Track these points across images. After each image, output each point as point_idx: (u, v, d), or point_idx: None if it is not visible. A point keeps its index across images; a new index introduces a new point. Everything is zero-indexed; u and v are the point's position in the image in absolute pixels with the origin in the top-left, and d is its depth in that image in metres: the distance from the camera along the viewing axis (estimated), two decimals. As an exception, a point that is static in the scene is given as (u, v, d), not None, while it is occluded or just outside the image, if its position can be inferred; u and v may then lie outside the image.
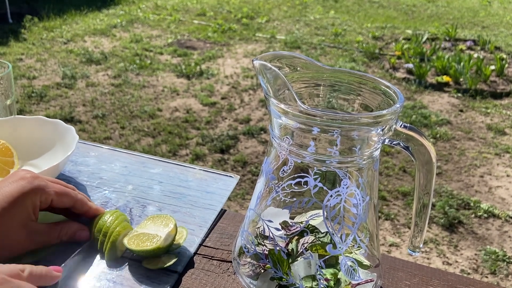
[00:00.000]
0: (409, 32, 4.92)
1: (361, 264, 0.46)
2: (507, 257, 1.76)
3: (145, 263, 0.51)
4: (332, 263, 0.45)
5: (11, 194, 0.48)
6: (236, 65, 3.79)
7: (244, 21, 5.18)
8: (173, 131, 2.65)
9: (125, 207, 0.62)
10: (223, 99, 3.12)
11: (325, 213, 0.43)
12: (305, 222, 0.47)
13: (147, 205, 0.62)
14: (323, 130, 0.40)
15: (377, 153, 0.44)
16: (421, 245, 0.49)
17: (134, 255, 0.53)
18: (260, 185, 0.48)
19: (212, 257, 0.54)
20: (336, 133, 0.40)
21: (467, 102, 3.23)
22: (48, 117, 2.78)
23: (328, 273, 0.44)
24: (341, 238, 0.44)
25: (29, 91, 3.09)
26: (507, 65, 3.80)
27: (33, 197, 0.49)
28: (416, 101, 3.19)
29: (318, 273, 0.44)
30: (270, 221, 0.46)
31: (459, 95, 3.33)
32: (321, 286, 0.44)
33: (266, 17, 5.39)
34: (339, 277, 0.44)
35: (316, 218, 0.46)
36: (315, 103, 0.49)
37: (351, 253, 0.46)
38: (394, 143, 0.44)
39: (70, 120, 2.75)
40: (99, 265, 0.52)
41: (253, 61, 0.42)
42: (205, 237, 0.57)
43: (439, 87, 3.44)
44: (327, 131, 0.40)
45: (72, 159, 0.71)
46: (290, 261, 0.45)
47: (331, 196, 0.43)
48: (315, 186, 0.43)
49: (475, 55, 4.02)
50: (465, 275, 1.06)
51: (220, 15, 5.49)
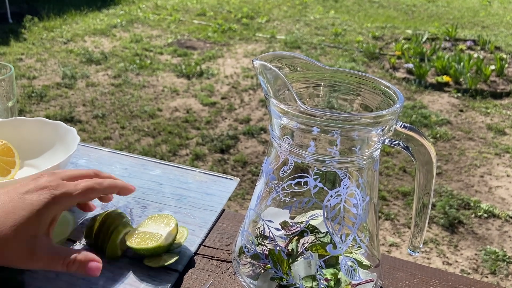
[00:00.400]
0: (409, 32, 4.92)
1: (361, 264, 0.46)
2: (507, 257, 1.76)
3: (147, 261, 0.51)
4: (332, 263, 0.45)
5: (31, 203, 0.45)
6: (236, 65, 3.79)
7: (244, 21, 5.18)
8: (173, 131, 2.65)
9: (125, 207, 0.62)
10: (223, 99, 3.13)
11: (325, 213, 0.43)
12: (305, 222, 0.47)
13: (147, 206, 0.62)
14: (323, 130, 0.40)
15: (377, 153, 0.44)
16: (421, 245, 0.49)
17: (135, 253, 0.53)
18: (260, 185, 0.48)
19: (212, 257, 0.54)
20: (336, 133, 0.40)
21: (467, 102, 3.23)
22: (48, 117, 2.76)
23: (328, 273, 0.44)
24: (341, 238, 0.44)
25: (29, 91, 3.09)
26: (507, 65, 3.80)
27: (53, 208, 0.46)
28: (416, 101, 3.19)
29: (318, 273, 0.44)
30: (270, 221, 0.46)
31: (459, 95, 3.33)
32: (321, 286, 0.44)
33: (266, 17, 5.39)
34: (339, 277, 0.44)
35: (316, 218, 0.47)
36: (315, 103, 0.49)
37: (351, 253, 0.46)
38: (394, 143, 0.44)
39: (70, 120, 2.75)
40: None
41: (253, 61, 0.42)
42: (205, 237, 0.58)
43: (439, 87, 3.44)
44: (327, 131, 0.40)
45: (72, 160, 0.72)
46: (290, 261, 0.45)
47: (331, 196, 0.43)
48: (315, 186, 0.43)
49: (475, 55, 4.02)
50: (465, 275, 1.06)
51: (220, 15, 5.49)
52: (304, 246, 0.45)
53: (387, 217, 1.97)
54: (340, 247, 0.44)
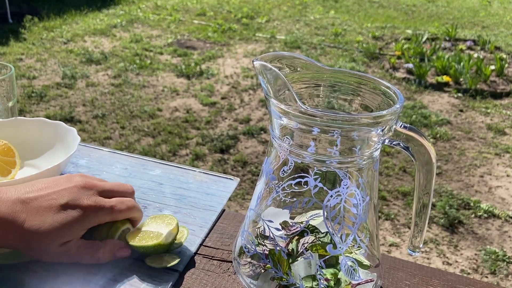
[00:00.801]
0: (409, 32, 4.92)
1: (361, 264, 0.46)
2: (507, 257, 1.76)
3: (149, 261, 0.51)
4: (332, 263, 0.45)
5: (66, 217, 0.48)
6: (236, 65, 3.79)
7: (244, 21, 5.18)
8: (173, 131, 2.65)
9: (125, 207, 0.62)
10: (223, 99, 3.13)
11: (325, 213, 0.43)
12: (305, 222, 0.47)
13: (147, 206, 0.62)
14: (323, 130, 0.40)
15: (377, 153, 0.44)
16: (421, 245, 0.49)
17: (135, 253, 0.53)
18: (260, 185, 0.48)
19: (212, 257, 0.54)
20: (336, 133, 0.40)
21: (467, 102, 3.23)
22: (48, 117, 2.76)
23: (328, 273, 0.44)
24: (341, 238, 0.44)
25: (29, 91, 3.09)
26: (507, 65, 3.81)
27: (86, 222, 0.49)
28: (416, 101, 3.19)
29: (318, 273, 0.44)
30: (270, 221, 0.46)
31: (459, 95, 3.33)
32: (321, 286, 0.44)
33: (266, 17, 5.39)
34: (339, 277, 0.45)
35: (316, 218, 0.47)
36: (315, 104, 0.49)
37: (351, 253, 0.46)
38: (394, 143, 0.44)
39: (70, 120, 2.75)
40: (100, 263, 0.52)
41: (253, 62, 0.43)
42: (206, 237, 0.58)
43: (439, 87, 3.44)
44: (327, 131, 0.40)
45: (72, 160, 0.72)
46: (290, 261, 0.45)
47: (331, 196, 0.43)
48: (315, 186, 0.43)
49: (475, 55, 4.02)
50: (465, 275, 1.06)
51: (220, 15, 5.49)
52: (304, 246, 0.45)
53: (387, 217, 1.97)
54: (340, 247, 0.44)
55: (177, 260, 0.51)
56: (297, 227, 0.46)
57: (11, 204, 0.46)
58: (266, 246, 0.46)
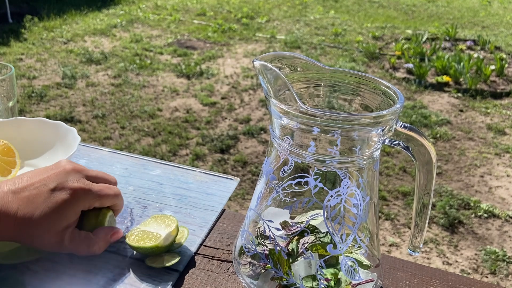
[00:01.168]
0: (409, 32, 4.92)
1: (361, 264, 0.46)
2: (507, 257, 1.76)
3: (149, 262, 0.51)
4: (332, 263, 0.45)
5: (56, 201, 0.48)
6: (236, 65, 3.79)
7: (244, 21, 5.18)
8: (173, 131, 2.65)
9: (125, 207, 0.62)
10: (223, 99, 3.13)
11: (326, 213, 0.43)
12: (305, 222, 0.47)
13: (147, 206, 0.62)
14: (324, 130, 0.40)
15: (377, 153, 0.44)
16: (421, 245, 0.49)
17: (135, 253, 0.53)
18: (260, 185, 0.48)
19: (212, 257, 0.54)
20: (336, 133, 0.40)
21: (467, 102, 3.23)
22: (48, 117, 2.76)
23: (328, 273, 0.44)
24: (341, 238, 0.44)
25: (29, 91, 3.09)
26: (507, 65, 3.81)
27: (77, 206, 0.50)
28: (416, 101, 3.19)
29: (318, 273, 0.44)
30: (270, 221, 0.46)
31: (459, 95, 3.33)
32: (322, 286, 0.44)
33: (266, 17, 5.39)
34: (339, 277, 0.45)
35: (316, 218, 0.47)
36: (315, 104, 0.49)
37: (352, 253, 0.46)
38: (394, 143, 0.44)
39: (70, 120, 2.75)
40: (100, 262, 0.52)
41: (253, 62, 0.42)
42: (206, 237, 0.58)
43: (439, 87, 3.44)
44: (328, 131, 0.40)
45: (72, 160, 0.72)
46: (290, 261, 0.45)
47: (332, 196, 0.43)
48: (316, 186, 0.43)
49: (475, 55, 4.02)
50: (465, 275, 1.06)
51: (220, 15, 5.49)
52: (304, 246, 0.45)
53: (387, 217, 1.97)
54: (340, 247, 0.44)
55: (177, 259, 0.51)
56: (297, 227, 0.46)
57: (2, 195, 0.47)
58: (266, 246, 0.46)
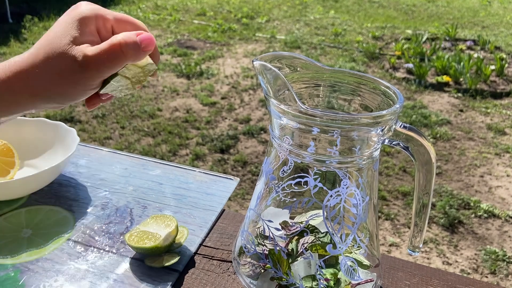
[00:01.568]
0: (409, 32, 4.92)
1: (361, 264, 0.46)
2: (507, 257, 1.76)
3: (148, 262, 0.51)
4: (332, 263, 0.45)
5: (63, 19, 0.42)
6: (236, 65, 3.79)
7: (244, 21, 5.18)
8: (173, 131, 2.65)
9: (125, 207, 0.62)
10: (223, 99, 3.13)
11: (325, 213, 0.43)
12: (305, 222, 0.47)
13: (147, 205, 0.62)
14: (323, 130, 0.40)
15: (377, 153, 0.44)
16: (421, 245, 0.49)
17: (135, 253, 0.53)
18: (260, 185, 0.48)
19: (212, 257, 0.54)
20: (336, 133, 0.40)
21: (467, 102, 3.23)
22: (48, 117, 2.75)
23: (328, 273, 0.44)
24: (341, 238, 0.44)
25: (29, 91, 3.09)
26: (507, 65, 3.80)
27: (88, 21, 0.41)
28: (416, 101, 3.19)
29: (318, 273, 0.44)
30: (270, 221, 0.46)
31: (459, 95, 3.33)
32: (321, 286, 0.44)
33: (266, 17, 5.39)
34: (339, 277, 0.45)
35: (316, 218, 0.47)
36: (315, 104, 0.49)
37: (351, 253, 0.46)
38: (393, 143, 0.44)
39: (70, 120, 2.75)
40: (100, 262, 0.52)
41: (253, 62, 0.42)
42: (205, 237, 0.58)
43: (439, 87, 3.44)
44: (327, 131, 0.40)
45: (73, 160, 0.72)
46: (290, 261, 0.45)
47: (331, 196, 0.43)
48: (315, 186, 0.43)
49: (475, 55, 4.02)
50: (465, 275, 1.06)
51: (220, 15, 5.49)
52: (304, 246, 0.45)
53: (387, 217, 1.97)
54: (340, 247, 0.44)
55: (176, 258, 0.51)
56: (297, 227, 0.46)
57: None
58: (266, 246, 0.46)
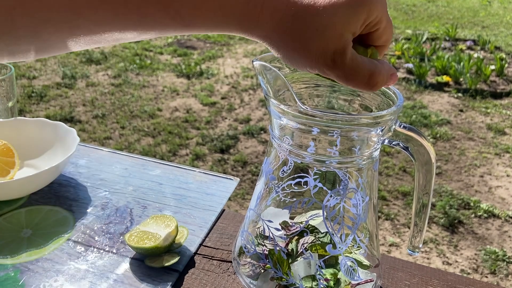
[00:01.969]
0: (409, 32, 4.92)
1: (361, 264, 0.46)
2: (507, 257, 1.76)
3: (148, 262, 0.51)
4: (332, 263, 0.45)
5: None
6: (236, 65, 3.79)
7: (244, 21, 5.18)
8: (173, 131, 2.65)
9: (125, 207, 0.62)
10: (223, 99, 3.13)
11: (325, 213, 0.43)
12: (305, 222, 0.47)
13: (147, 206, 0.62)
14: (323, 130, 0.40)
15: (377, 153, 0.44)
16: (421, 245, 0.49)
17: (135, 253, 0.53)
18: (260, 185, 0.48)
19: (212, 257, 0.54)
20: (336, 133, 0.40)
21: (467, 102, 3.23)
22: (48, 117, 2.75)
23: (328, 273, 0.44)
24: (341, 238, 0.44)
25: (29, 91, 3.09)
26: (507, 65, 3.80)
27: (367, 11, 0.35)
28: (416, 101, 3.19)
29: (318, 273, 0.44)
30: (270, 221, 0.46)
31: (459, 95, 3.33)
32: (321, 286, 0.44)
33: (266, 17, 5.39)
34: (339, 277, 0.45)
35: (316, 218, 0.47)
36: (315, 104, 0.49)
37: (351, 253, 0.46)
38: (393, 143, 0.44)
39: (70, 120, 2.75)
40: (100, 263, 0.52)
41: (253, 62, 0.42)
42: (205, 237, 0.58)
43: (439, 87, 3.44)
44: (327, 131, 0.40)
45: (72, 160, 0.72)
46: (290, 261, 0.45)
47: (331, 196, 0.43)
48: (315, 186, 0.43)
49: (475, 55, 4.02)
50: (465, 275, 1.06)
51: (220, 15, 5.49)
52: (304, 246, 0.45)
53: (387, 217, 1.97)
54: (339, 247, 0.44)
55: (176, 258, 0.51)
56: (296, 227, 0.46)
57: None
58: (265, 246, 0.46)
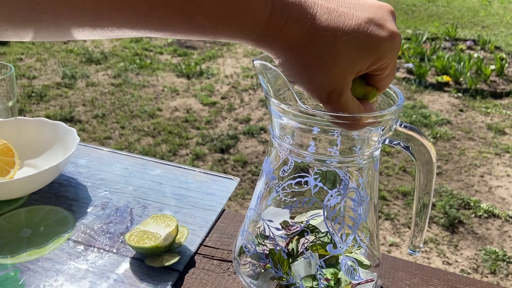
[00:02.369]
0: (409, 31, 4.92)
1: (361, 263, 0.46)
2: (507, 257, 1.76)
3: (148, 262, 0.51)
4: (332, 262, 0.45)
5: (368, 32, 0.35)
6: (236, 64, 3.79)
7: (244, 21, 5.18)
8: (173, 131, 2.65)
9: (125, 207, 0.62)
10: (223, 98, 3.13)
11: (325, 213, 0.43)
12: (305, 222, 0.47)
13: (147, 205, 0.62)
14: (324, 130, 0.40)
15: (377, 153, 0.44)
16: (421, 245, 0.49)
17: (135, 253, 0.53)
18: (260, 185, 0.48)
19: (212, 256, 0.54)
20: (336, 133, 0.40)
21: (467, 102, 3.23)
22: (48, 116, 2.75)
23: (328, 272, 0.44)
24: (341, 238, 0.44)
25: (29, 91, 3.09)
26: (507, 65, 3.80)
27: (380, 51, 0.36)
28: (416, 101, 3.19)
29: (318, 272, 0.44)
30: (270, 221, 0.46)
31: (459, 95, 3.33)
32: (322, 285, 0.44)
33: (266, 17, 5.39)
34: (339, 276, 0.44)
35: (316, 218, 0.47)
36: (315, 103, 0.49)
37: (351, 252, 0.46)
38: (394, 143, 0.44)
39: (70, 120, 2.75)
40: (100, 262, 0.52)
41: (253, 61, 0.42)
42: (206, 236, 0.58)
43: (439, 87, 3.44)
44: (327, 131, 0.40)
45: (72, 160, 0.72)
46: (290, 260, 0.45)
47: (332, 196, 0.43)
48: (316, 186, 0.43)
49: (475, 55, 4.02)
50: (465, 275, 1.06)
51: (220, 15, 5.49)
52: (304, 245, 0.45)
53: (387, 217, 1.97)
54: (340, 247, 0.44)
55: (176, 258, 0.51)
56: (297, 227, 0.46)
57: None
58: (266, 245, 0.46)
